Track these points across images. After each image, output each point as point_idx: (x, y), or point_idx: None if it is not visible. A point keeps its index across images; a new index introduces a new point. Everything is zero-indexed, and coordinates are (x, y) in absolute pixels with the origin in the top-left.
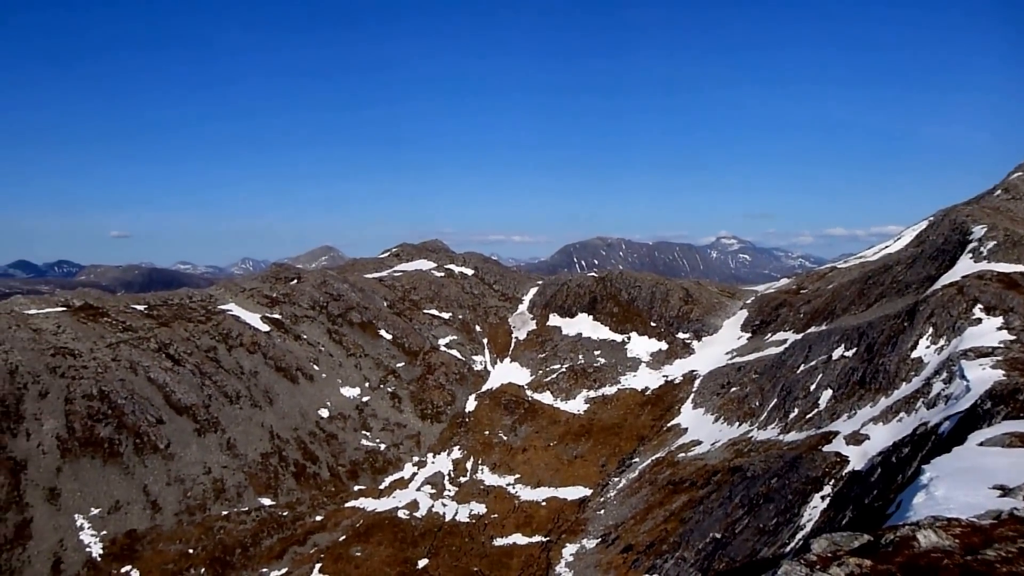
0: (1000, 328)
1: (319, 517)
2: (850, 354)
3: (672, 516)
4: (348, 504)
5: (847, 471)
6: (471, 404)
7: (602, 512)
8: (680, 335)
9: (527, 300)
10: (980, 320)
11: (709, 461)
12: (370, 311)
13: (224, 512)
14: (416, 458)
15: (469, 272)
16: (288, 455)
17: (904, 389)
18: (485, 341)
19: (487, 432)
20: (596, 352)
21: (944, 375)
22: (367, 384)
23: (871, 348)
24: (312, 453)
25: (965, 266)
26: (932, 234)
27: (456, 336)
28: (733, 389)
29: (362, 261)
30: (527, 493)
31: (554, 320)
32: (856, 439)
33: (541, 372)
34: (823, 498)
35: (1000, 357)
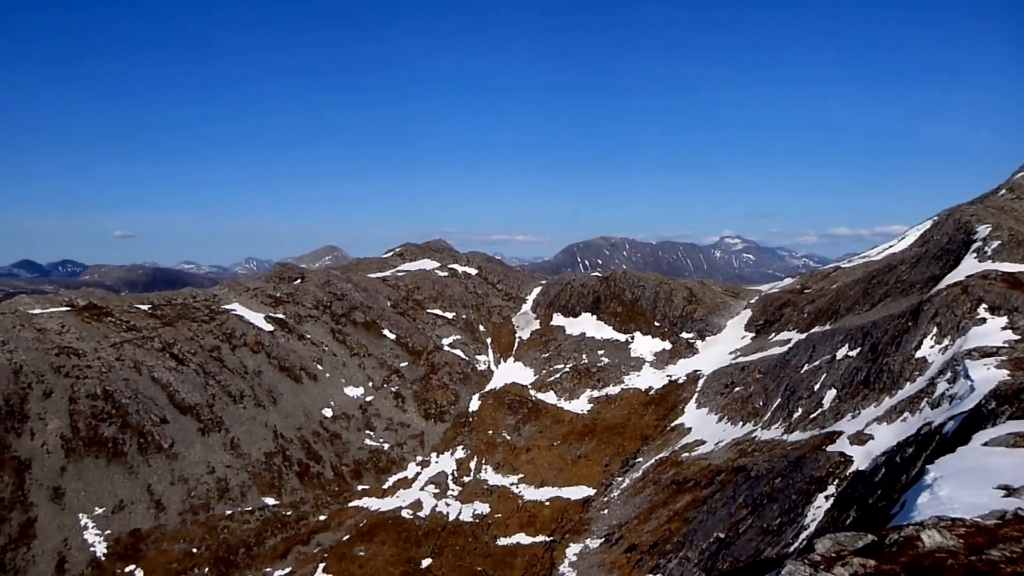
0: (1005, 328)
1: (323, 517)
2: (854, 354)
3: (676, 516)
4: (352, 504)
5: (851, 471)
6: (475, 404)
7: (606, 512)
8: (684, 335)
9: (531, 300)
10: (984, 320)
11: (713, 461)
12: (374, 311)
13: (228, 512)
14: (420, 458)
15: (473, 272)
16: (292, 455)
17: (908, 389)
18: (489, 341)
19: (491, 432)
20: (600, 352)
21: (948, 375)
22: (371, 384)
23: (875, 348)
24: (316, 453)
25: (969, 266)
26: (936, 234)
27: (460, 336)
28: (737, 389)
29: (366, 261)
30: (531, 493)
31: (558, 320)
32: (860, 439)
33: (545, 372)
34: (827, 498)
35: (1005, 357)
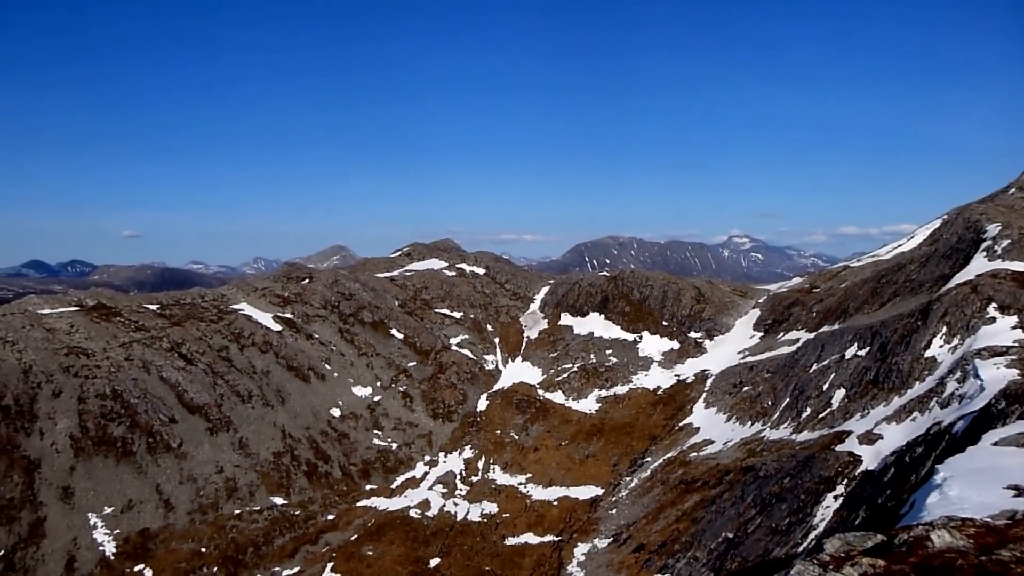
0: (1015, 327)
1: (331, 516)
2: (863, 353)
3: (684, 516)
4: (360, 503)
5: (860, 471)
6: (483, 403)
7: (614, 512)
8: (692, 334)
9: (539, 299)
10: (994, 319)
11: (721, 460)
12: (382, 310)
13: (236, 511)
14: (428, 457)
15: (480, 271)
16: (300, 454)
17: (918, 388)
18: (497, 340)
19: (499, 431)
20: (608, 351)
21: (958, 374)
22: (379, 383)
23: (884, 347)
24: (324, 452)
25: (979, 265)
26: (946, 232)
27: (468, 335)
28: (745, 388)
29: (373, 260)
30: (539, 492)
31: (566, 319)
32: (869, 439)
33: (553, 371)
34: (836, 498)
35: (1015, 356)
